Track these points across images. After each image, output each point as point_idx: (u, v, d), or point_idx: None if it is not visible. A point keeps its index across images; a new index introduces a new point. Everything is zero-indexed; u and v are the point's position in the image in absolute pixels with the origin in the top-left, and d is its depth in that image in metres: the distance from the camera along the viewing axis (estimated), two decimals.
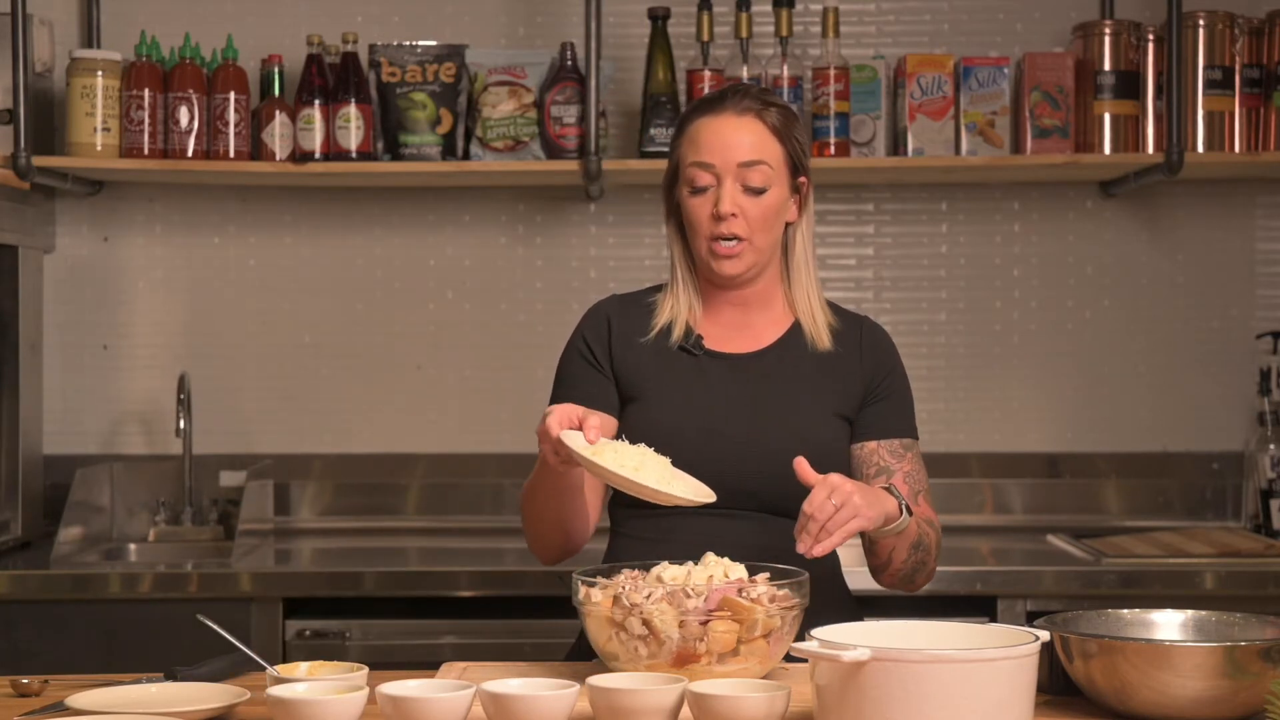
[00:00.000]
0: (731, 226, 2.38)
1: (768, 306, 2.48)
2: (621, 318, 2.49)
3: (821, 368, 2.44)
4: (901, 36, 3.97)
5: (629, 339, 2.46)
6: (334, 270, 4.00)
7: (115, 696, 2.01)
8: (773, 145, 2.41)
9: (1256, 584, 3.34)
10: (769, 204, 2.40)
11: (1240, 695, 1.88)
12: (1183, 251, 3.98)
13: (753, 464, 2.35)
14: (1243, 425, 3.93)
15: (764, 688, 1.87)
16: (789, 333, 2.47)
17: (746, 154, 2.39)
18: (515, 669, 2.19)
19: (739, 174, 2.38)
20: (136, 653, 3.30)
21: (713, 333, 2.47)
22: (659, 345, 2.45)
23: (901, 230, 4.00)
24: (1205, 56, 3.68)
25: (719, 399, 2.40)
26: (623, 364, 2.45)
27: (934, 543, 2.38)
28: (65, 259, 3.99)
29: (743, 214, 2.38)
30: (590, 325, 2.50)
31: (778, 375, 2.43)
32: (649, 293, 2.53)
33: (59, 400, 3.97)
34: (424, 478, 3.98)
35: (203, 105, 3.71)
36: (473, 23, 3.97)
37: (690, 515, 2.31)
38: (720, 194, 2.38)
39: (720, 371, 2.43)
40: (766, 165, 2.39)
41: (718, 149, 2.39)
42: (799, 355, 2.45)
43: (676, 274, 2.49)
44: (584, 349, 2.48)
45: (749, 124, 2.41)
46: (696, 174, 2.40)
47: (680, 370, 2.43)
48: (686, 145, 2.43)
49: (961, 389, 3.99)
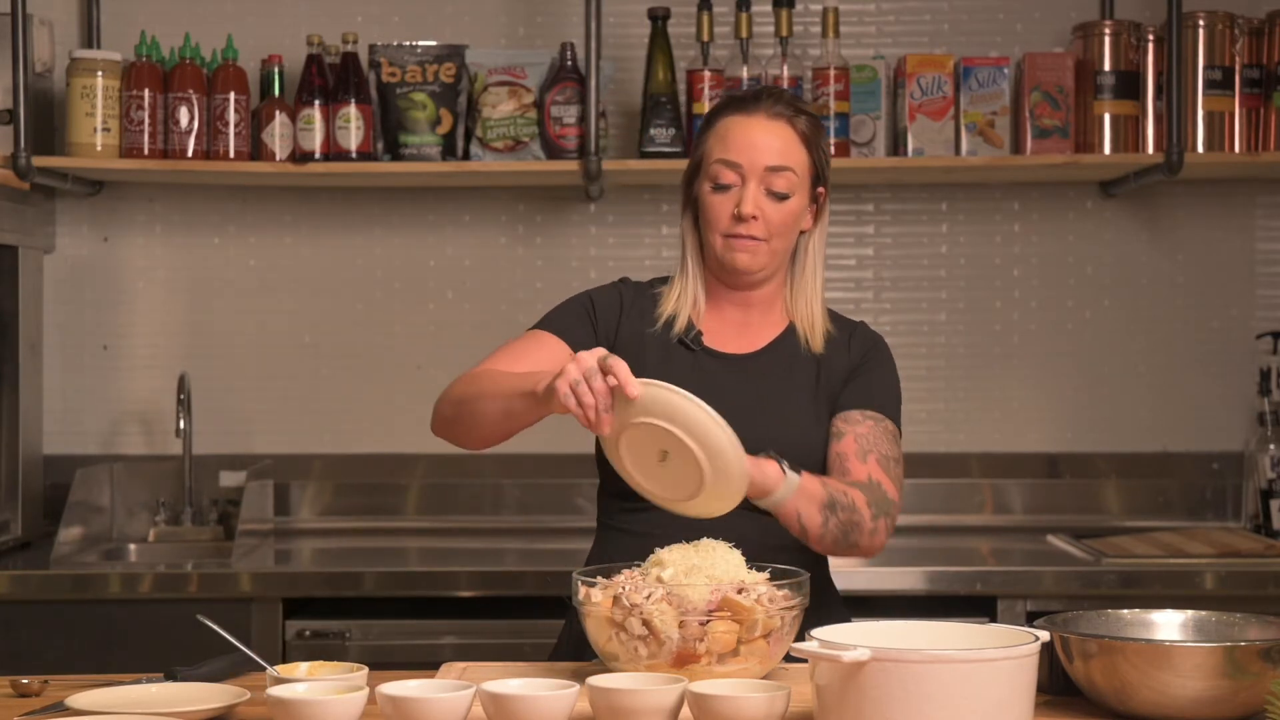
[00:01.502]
0: (751, 228, 2.38)
1: (769, 310, 2.49)
2: (633, 301, 2.49)
3: (814, 369, 2.44)
4: (901, 36, 3.97)
5: (636, 323, 2.47)
6: (334, 270, 4.00)
7: (115, 696, 2.01)
8: (800, 153, 2.41)
9: (1256, 584, 3.34)
10: (790, 210, 2.40)
11: (1240, 695, 1.88)
12: (1183, 251, 3.98)
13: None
14: (1243, 425, 3.93)
15: (764, 688, 1.87)
16: (784, 334, 2.48)
17: (774, 158, 2.39)
18: (515, 669, 2.19)
19: (764, 178, 2.38)
20: (136, 653, 3.30)
21: (712, 329, 2.47)
22: (660, 336, 2.45)
23: (901, 230, 4.00)
24: (1205, 56, 3.68)
25: (710, 397, 2.39)
26: (624, 344, 2.44)
27: (863, 502, 2.29)
28: (65, 259, 3.99)
29: (763, 217, 2.39)
30: (605, 296, 2.50)
31: (772, 376, 2.43)
32: (656, 284, 2.53)
33: (59, 400, 3.97)
34: (424, 478, 3.98)
35: (203, 105, 3.71)
36: (473, 23, 3.97)
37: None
38: (744, 195, 2.38)
39: (716, 369, 2.43)
40: (792, 172, 2.40)
41: (745, 149, 2.39)
42: (792, 357, 2.45)
43: (687, 265, 2.49)
44: (590, 307, 2.48)
45: (780, 129, 2.41)
46: (721, 171, 2.40)
47: (677, 364, 2.42)
48: (714, 141, 2.43)
49: (961, 389, 3.99)
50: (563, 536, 3.79)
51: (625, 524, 2.41)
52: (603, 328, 2.47)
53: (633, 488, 2.17)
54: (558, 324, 2.47)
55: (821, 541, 2.30)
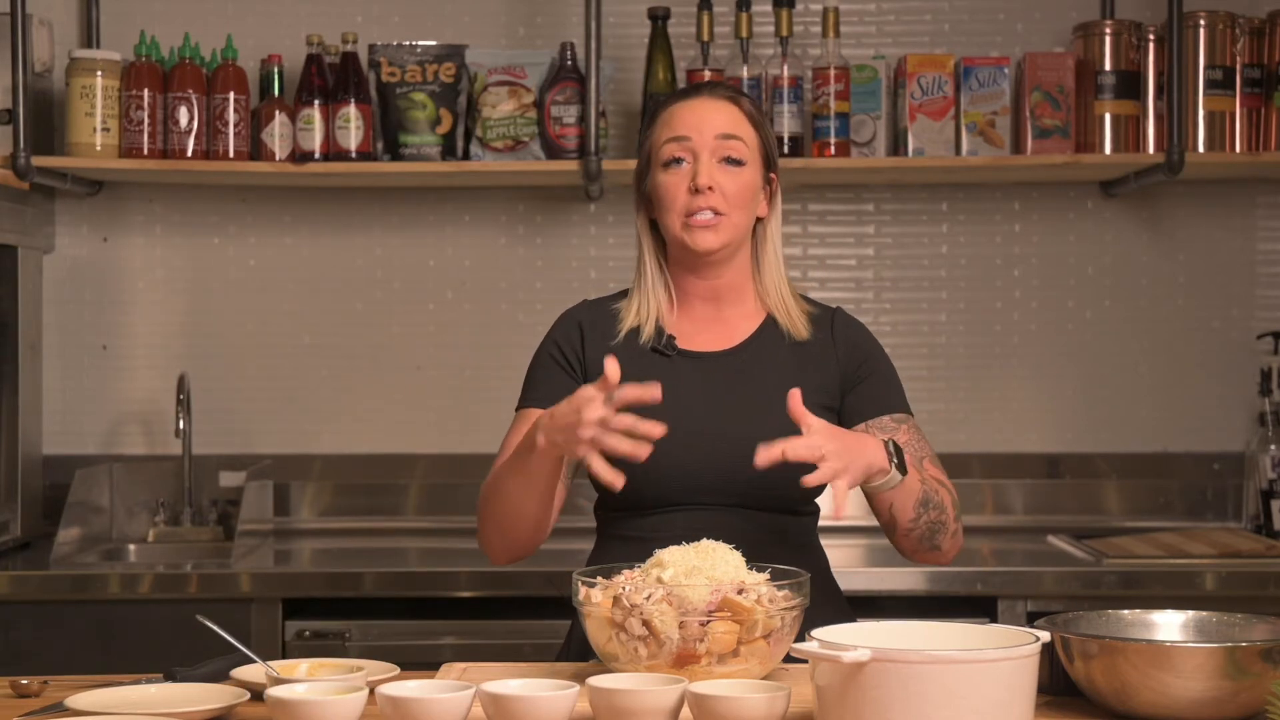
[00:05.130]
0: (709, 200, 2.35)
1: (740, 300, 2.45)
2: (592, 323, 2.46)
3: (798, 359, 2.41)
4: (902, 36, 3.97)
5: (601, 343, 2.43)
6: (334, 270, 4.00)
7: (115, 697, 2.01)
8: (748, 128, 2.40)
9: (1257, 584, 3.34)
10: (745, 180, 2.38)
11: (1241, 696, 1.88)
12: (1183, 252, 3.98)
13: (734, 462, 2.30)
14: (1243, 426, 3.93)
15: (764, 688, 1.87)
16: (763, 327, 2.44)
17: (724, 127, 2.38)
18: (515, 669, 2.18)
19: (716, 147, 2.37)
20: (136, 653, 3.30)
21: (685, 330, 2.44)
22: (631, 348, 2.41)
23: (902, 230, 4.00)
24: (1206, 56, 3.68)
25: (695, 399, 2.37)
26: (595, 368, 2.39)
27: (950, 503, 2.33)
28: (65, 259, 3.99)
29: (720, 189, 2.36)
30: (561, 330, 2.48)
31: (753, 371, 2.40)
32: (617, 298, 2.50)
33: (59, 400, 3.96)
34: (424, 478, 3.98)
35: (202, 105, 3.71)
36: (473, 23, 3.97)
37: (674, 512, 2.32)
38: (697, 168, 2.36)
39: (695, 371, 2.40)
40: (742, 142, 2.38)
41: (694, 124, 2.38)
42: (775, 348, 2.42)
43: (646, 269, 2.45)
44: (555, 353, 2.46)
45: (725, 106, 2.41)
46: (672, 149, 2.38)
47: (654, 372, 2.37)
48: (660, 128, 2.41)
49: (962, 389, 3.99)
50: (563, 537, 3.78)
51: (622, 530, 2.40)
52: (575, 365, 2.44)
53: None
54: (538, 394, 2.43)
55: (908, 537, 2.31)
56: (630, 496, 2.32)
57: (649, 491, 2.34)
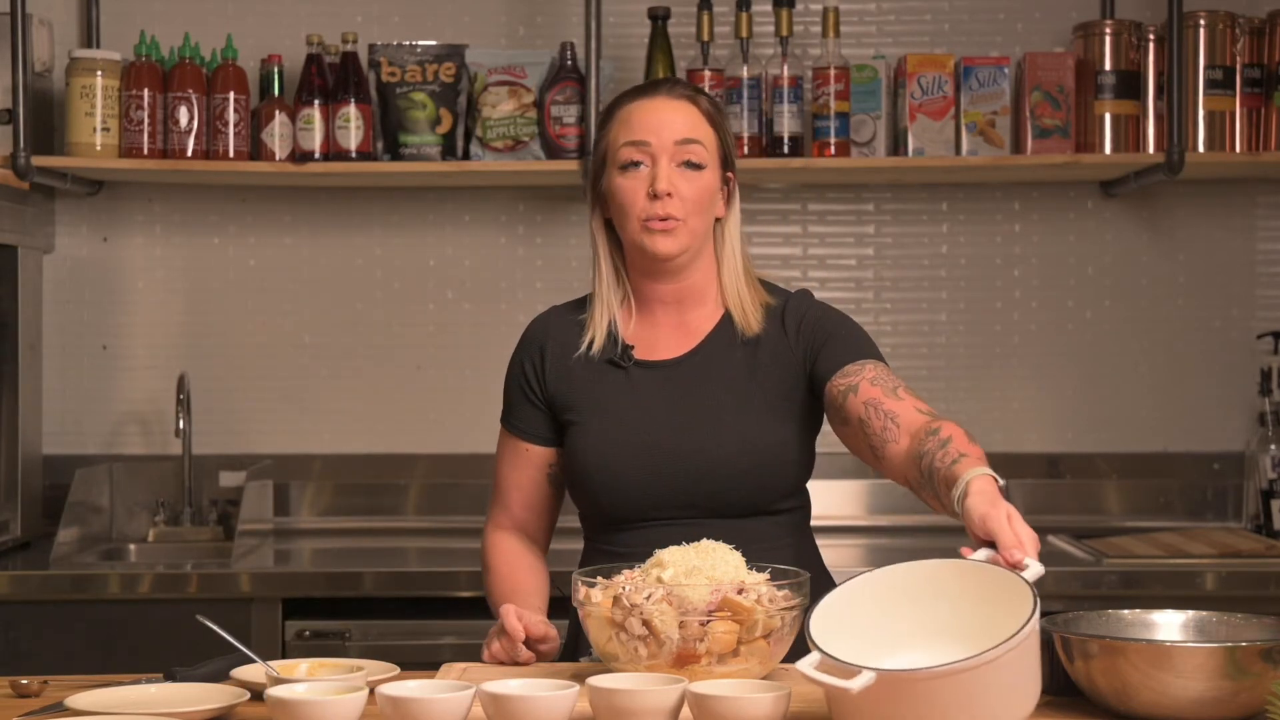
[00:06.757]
0: (667, 206, 2.32)
1: (701, 302, 2.42)
2: (554, 338, 2.44)
3: (752, 358, 2.38)
4: (902, 36, 3.97)
5: (562, 360, 2.42)
6: (334, 270, 4.00)
7: (115, 697, 2.01)
8: (707, 129, 2.37)
9: (1257, 584, 3.34)
10: (704, 184, 2.35)
11: (1241, 696, 1.88)
12: (1183, 252, 3.98)
13: (692, 474, 2.31)
14: (1243, 425, 3.93)
15: (764, 688, 1.87)
16: (719, 326, 2.41)
17: (683, 131, 2.35)
18: (515, 669, 2.19)
19: (675, 152, 2.34)
20: (136, 653, 3.30)
21: (644, 337, 2.41)
22: (590, 361, 2.40)
23: (902, 230, 4.00)
24: (1206, 56, 3.68)
25: (652, 411, 2.36)
26: (556, 387, 2.41)
27: (961, 435, 2.25)
28: (65, 259, 3.99)
29: (678, 194, 2.32)
30: (526, 350, 2.47)
31: (707, 378, 2.37)
32: (583, 305, 2.47)
33: (59, 400, 3.96)
34: (424, 478, 3.98)
35: (202, 105, 3.71)
36: (473, 23, 3.97)
37: (649, 528, 2.31)
38: (656, 172, 2.33)
39: (651, 382, 2.38)
40: (701, 145, 2.35)
41: (653, 128, 2.34)
42: (728, 350, 2.38)
43: (601, 273, 2.42)
44: (521, 379, 2.45)
45: (684, 106, 2.37)
46: (630, 153, 2.34)
47: (611, 386, 2.37)
48: (618, 127, 2.38)
49: (961, 389, 3.99)
50: (563, 537, 3.78)
51: (609, 544, 2.39)
52: (538, 389, 2.43)
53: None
54: (513, 419, 2.47)
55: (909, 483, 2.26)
56: (599, 514, 2.37)
57: (615, 511, 2.36)
